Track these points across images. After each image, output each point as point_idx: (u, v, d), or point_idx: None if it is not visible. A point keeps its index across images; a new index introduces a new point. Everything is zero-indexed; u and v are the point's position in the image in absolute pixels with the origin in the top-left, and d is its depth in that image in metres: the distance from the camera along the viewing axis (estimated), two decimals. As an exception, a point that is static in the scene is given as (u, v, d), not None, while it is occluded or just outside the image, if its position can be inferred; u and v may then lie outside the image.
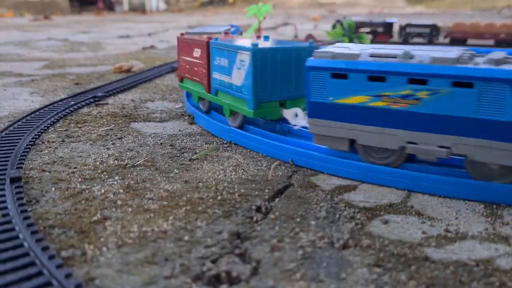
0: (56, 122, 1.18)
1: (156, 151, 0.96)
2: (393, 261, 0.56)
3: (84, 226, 0.65)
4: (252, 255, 0.58)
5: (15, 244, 0.58)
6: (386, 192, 0.77)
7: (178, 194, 0.75)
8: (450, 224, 0.66)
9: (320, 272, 0.54)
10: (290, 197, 0.75)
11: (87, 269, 0.55)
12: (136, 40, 3.58)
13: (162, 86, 1.68)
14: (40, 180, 0.81)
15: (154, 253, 0.58)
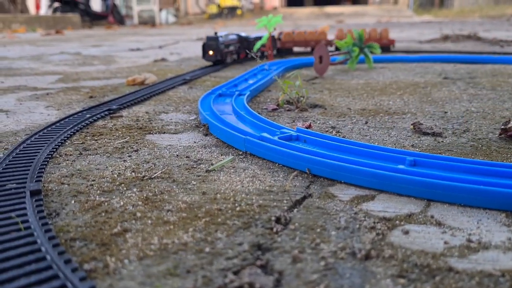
0: (72, 135, 1.19)
1: (173, 163, 0.97)
2: (417, 272, 0.56)
3: (105, 238, 0.65)
4: (274, 267, 0.57)
5: (38, 257, 0.58)
6: (405, 201, 0.77)
7: (197, 205, 0.76)
8: (472, 233, 0.65)
9: (344, 284, 0.53)
10: (308, 207, 0.74)
11: (110, 281, 0.55)
12: (147, 53, 3.61)
13: (175, 98, 1.70)
14: (60, 193, 0.81)
15: (176, 265, 0.58)
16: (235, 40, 2.64)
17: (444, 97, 1.63)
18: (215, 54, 2.42)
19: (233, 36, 2.62)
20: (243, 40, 2.73)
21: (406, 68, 2.45)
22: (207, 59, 2.46)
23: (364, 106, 1.51)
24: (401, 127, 1.23)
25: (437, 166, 0.84)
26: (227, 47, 2.50)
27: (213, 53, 2.42)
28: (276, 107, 1.47)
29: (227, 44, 2.50)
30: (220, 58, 2.44)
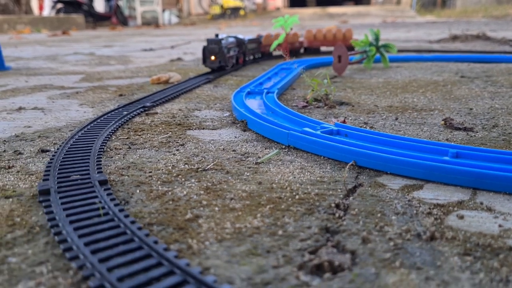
0: (116, 130, 1.23)
1: (221, 156, 1.01)
2: (480, 251, 0.60)
3: (180, 223, 0.69)
4: (346, 247, 0.62)
5: (126, 239, 0.63)
6: (453, 190, 0.81)
7: (256, 194, 0.80)
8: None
9: (416, 261, 0.58)
10: (363, 195, 0.79)
11: (198, 260, 0.59)
12: (161, 53, 3.66)
13: (204, 96, 1.74)
14: (123, 183, 0.86)
15: (255, 246, 0.62)
16: (234, 43, 2.41)
17: (466, 94, 1.67)
18: (218, 59, 2.16)
19: (232, 39, 2.39)
20: (241, 43, 2.51)
21: (421, 67, 2.49)
22: (209, 65, 2.19)
23: (390, 103, 1.55)
24: (431, 123, 1.27)
25: (479, 158, 0.89)
26: (229, 51, 2.29)
27: (216, 58, 2.16)
28: (306, 104, 1.52)
29: (228, 47, 2.30)
30: (223, 64, 2.20)
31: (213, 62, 2.17)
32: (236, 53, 2.41)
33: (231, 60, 2.32)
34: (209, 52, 2.16)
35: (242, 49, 2.52)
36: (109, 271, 0.55)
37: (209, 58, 2.17)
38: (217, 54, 2.16)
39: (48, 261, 0.59)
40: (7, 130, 1.27)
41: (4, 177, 0.90)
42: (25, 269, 0.58)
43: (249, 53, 2.66)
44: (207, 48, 2.15)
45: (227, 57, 2.22)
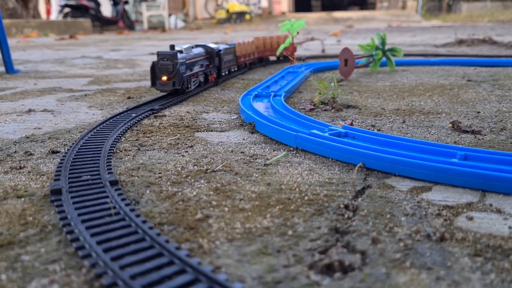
0: (125, 132, 1.24)
1: (230, 158, 1.02)
2: (491, 252, 0.60)
3: (191, 223, 0.70)
4: (356, 247, 0.62)
5: (137, 238, 0.63)
6: (461, 192, 0.81)
7: (266, 195, 0.81)
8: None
9: (426, 261, 0.58)
10: (372, 196, 0.79)
11: (209, 259, 0.60)
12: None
13: (211, 99, 1.75)
14: (133, 184, 0.87)
15: (265, 246, 0.63)
16: (201, 56, 1.89)
17: (473, 98, 1.67)
18: (171, 79, 1.61)
19: (199, 49, 1.90)
20: (213, 54, 1.99)
21: (427, 71, 2.49)
22: (160, 88, 1.64)
23: (397, 106, 1.56)
24: (439, 126, 1.27)
25: (487, 160, 0.89)
26: (191, 67, 1.76)
27: (168, 78, 1.61)
28: (313, 107, 1.52)
29: (191, 62, 1.75)
30: (179, 86, 1.62)
31: (164, 84, 1.62)
32: (203, 69, 1.89)
33: (194, 79, 1.80)
34: (160, 69, 1.62)
35: (215, 63, 2.01)
36: (122, 269, 0.55)
37: (159, 78, 1.63)
38: (171, 73, 1.61)
39: (61, 259, 0.60)
40: (18, 131, 1.29)
41: (16, 177, 0.91)
42: (38, 267, 0.58)
43: (226, 66, 2.17)
44: (157, 65, 1.62)
45: (186, 77, 1.70)
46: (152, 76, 1.64)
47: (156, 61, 1.62)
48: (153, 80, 1.65)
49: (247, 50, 2.54)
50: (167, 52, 1.60)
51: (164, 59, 1.60)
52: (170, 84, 1.62)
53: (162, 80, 1.62)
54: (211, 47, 1.99)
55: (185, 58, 1.69)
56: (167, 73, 1.61)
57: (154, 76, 1.64)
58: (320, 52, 3.77)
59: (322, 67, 2.55)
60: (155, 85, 1.64)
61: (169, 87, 1.63)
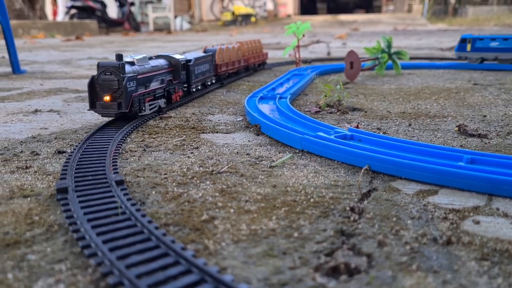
0: (130, 133, 1.24)
1: (235, 159, 1.02)
2: (498, 256, 0.60)
3: (196, 224, 0.70)
4: (362, 250, 0.62)
5: (143, 238, 0.63)
6: (468, 195, 0.81)
7: (271, 197, 0.80)
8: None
9: (433, 265, 0.58)
10: (378, 199, 0.79)
11: (214, 260, 0.60)
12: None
13: (216, 100, 1.75)
14: (139, 184, 0.87)
15: (271, 248, 0.63)
16: (164, 68, 1.51)
17: (479, 102, 1.67)
18: (115, 100, 1.25)
19: (160, 61, 1.52)
20: (179, 66, 1.58)
21: (433, 74, 2.49)
22: (101, 111, 1.27)
23: (403, 109, 1.55)
24: (445, 129, 1.27)
25: (494, 164, 0.88)
26: (145, 83, 1.37)
27: (112, 99, 1.25)
28: (319, 110, 1.52)
29: (145, 77, 1.37)
30: (126, 109, 1.25)
31: (107, 105, 1.25)
32: (165, 85, 1.48)
33: (150, 100, 1.39)
34: (101, 87, 1.25)
35: (181, 77, 1.60)
36: (128, 268, 0.55)
37: (100, 98, 1.26)
38: (115, 91, 1.24)
39: (67, 258, 0.60)
40: (24, 131, 1.29)
41: (22, 177, 0.92)
42: (45, 266, 0.59)
43: (198, 79, 1.78)
44: (97, 80, 1.25)
45: (137, 96, 1.29)
46: (91, 95, 1.26)
47: (96, 75, 1.25)
48: (92, 101, 1.27)
49: (230, 57, 2.18)
50: (111, 63, 1.23)
51: (106, 73, 1.23)
52: (114, 106, 1.24)
53: (104, 101, 1.25)
54: (176, 58, 1.58)
55: (136, 72, 1.31)
56: (110, 92, 1.24)
57: (93, 95, 1.26)
58: (325, 54, 3.77)
59: (327, 69, 2.55)
60: (95, 107, 1.27)
61: (113, 110, 1.25)
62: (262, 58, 2.74)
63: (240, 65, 2.35)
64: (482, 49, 2.62)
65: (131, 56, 1.35)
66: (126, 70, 1.26)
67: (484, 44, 2.61)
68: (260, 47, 2.69)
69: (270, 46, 5.13)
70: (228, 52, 2.15)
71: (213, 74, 1.98)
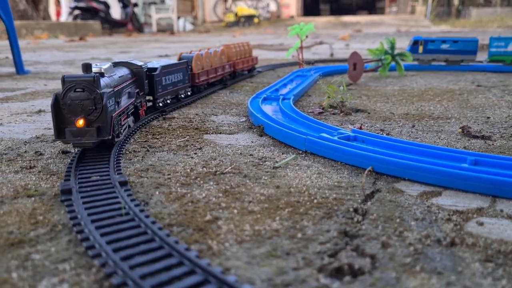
0: (133, 134, 1.25)
1: (238, 160, 1.02)
2: (502, 258, 0.60)
3: (200, 224, 0.70)
4: (365, 251, 0.62)
5: (147, 239, 0.63)
6: (472, 197, 0.81)
7: (275, 198, 0.80)
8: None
9: (437, 266, 0.58)
10: (381, 201, 0.79)
11: (218, 261, 0.60)
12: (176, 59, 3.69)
13: (219, 101, 1.75)
14: (142, 185, 0.87)
15: (274, 248, 0.63)
16: (128, 79, 1.22)
17: (483, 103, 1.66)
18: (92, 124, 0.97)
19: (123, 69, 1.22)
20: (142, 75, 1.30)
21: (436, 75, 2.48)
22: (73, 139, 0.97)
23: (406, 111, 1.55)
24: (448, 131, 1.27)
25: (498, 165, 0.88)
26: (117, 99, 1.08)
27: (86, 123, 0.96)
28: (322, 111, 1.52)
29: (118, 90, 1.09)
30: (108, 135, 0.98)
31: (81, 132, 0.96)
32: (134, 99, 1.23)
33: (124, 120, 1.13)
34: (70, 108, 0.96)
35: (144, 89, 1.33)
36: (132, 269, 0.56)
37: (70, 123, 0.96)
38: (91, 113, 0.96)
39: (71, 258, 0.60)
40: (28, 131, 1.30)
41: (26, 176, 0.92)
42: (49, 266, 0.59)
43: (167, 91, 1.49)
44: (64, 100, 0.95)
45: (116, 117, 1.03)
46: (56, 120, 0.96)
47: (62, 93, 0.94)
48: (59, 127, 0.96)
49: (212, 63, 1.94)
50: (81, 76, 0.94)
51: (76, 89, 0.94)
52: (91, 132, 0.95)
53: (76, 127, 0.95)
54: (137, 65, 1.30)
55: (109, 86, 1.03)
56: (84, 114, 0.95)
57: (59, 120, 0.96)
58: (328, 56, 3.77)
59: (330, 71, 2.55)
60: (63, 135, 0.96)
61: (91, 137, 0.95)
62: (251, 63, 2.50)
63: (224, 72, 2.11)
64: (433, 51, 2.70)
65: (97, 65, 1.06)
66: (100, 84, 0.96)
67: (435, 46, 2.69)
68: (249, 50, 2.47)
69: (273, 47, 5.13)
70: (208, 58, 1.91)
71: (189, 84, 1.71)
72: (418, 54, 2.73)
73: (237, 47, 2.29)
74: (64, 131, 0.97)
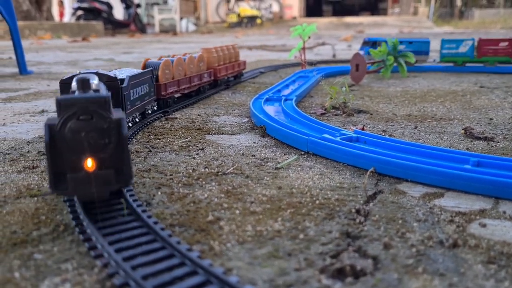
0: (136, 134, 1.25)
1: (240, 161, 1.02)
2: (505, 259, 0.59)
3: (202, 225, 0.70)
4: (367, 252, 0.62)
5: (149, 239, 0.63)
6: (474, 198, 0.80)
7: (277, 198, 0.80)
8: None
9: (439, 267, 0.57)
10: (383, 202, 0.79)
11: (220, 261, 0.60)
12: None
13: (222, 102, 1.75)
14: (144, 185, 0.87)
15: (276, 249, 0.63)
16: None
17: (486, 104, 1.66)
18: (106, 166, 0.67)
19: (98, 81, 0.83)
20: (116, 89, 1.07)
21: (439, 77, 2.48)
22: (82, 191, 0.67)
23: (409, 112, 1.55)
24: (451, 132, 1.26)
25: (501, 167, 0.88)
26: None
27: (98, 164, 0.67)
28: (324, 112, 1.52)
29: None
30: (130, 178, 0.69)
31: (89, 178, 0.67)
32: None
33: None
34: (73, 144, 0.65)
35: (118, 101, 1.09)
36: (134, 269, 0.56)
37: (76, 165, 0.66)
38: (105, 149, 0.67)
39: (73, 258, 0.60)
40: (31, 131, 1.30)
41: (29, 176, 0.92)
42: (51, 266, 0.59)
43: (134, 108, 1.22)
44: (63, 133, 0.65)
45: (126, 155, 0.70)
46: (53, 163, 0.67)
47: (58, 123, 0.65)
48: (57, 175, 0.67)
49: (185, 71, 1.64)
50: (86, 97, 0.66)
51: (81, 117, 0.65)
52: (108, 177, 0.68)
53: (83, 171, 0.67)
54: (109, 76, 1.05)
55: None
56: (95, 151, 0.67)
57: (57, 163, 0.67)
58: (331, 57, 3.77)
59: (333, 72, 2.55)
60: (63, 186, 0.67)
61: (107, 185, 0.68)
62: (237, 68, 2.19)
63: (201, 82, 1.78)
64: None
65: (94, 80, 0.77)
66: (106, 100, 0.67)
67: None
68: (236, 54, 2.16)
69: (275, 48, 5.13)
70: (181, 66, 1.61)
71: (154, 98, 1.41)
72: None
73: (220, 51, 1.99)
74: (64, 179, 0.66)
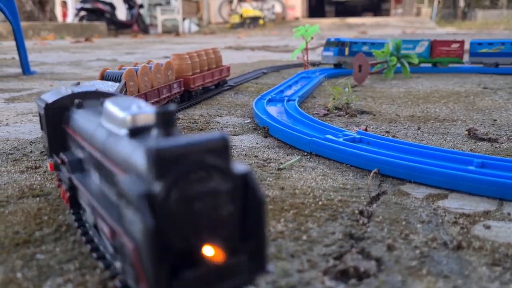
0: (139, 134, 1.25)
1: (243, 161, 1.02)
2: (510, 262, 0.59)
3: (205, 225, 0.70)
4: (371, 253, 0.61)
5: (151, 240, 0.63)
6: (478, 200, 0.80)
7: (279, 199, 0.80)
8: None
9: (443, 269, 0.57)
10: (387, 203, 0.78)
11: (222, 262, 0.59)
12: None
13: (224, 102, 1.75)
14: (147, 186, 0.87)
15: (279, 250, 0.62)
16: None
17: (489, 106, 1.65)
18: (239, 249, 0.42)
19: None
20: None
21: (442, 77, 2.47)
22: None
23: (412, 113, 1.54)
24: (455, 133, 1.26)
25: (505, 168, 0.87)
26: None
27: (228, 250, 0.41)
28: (327, 112, 1.52)
29: None
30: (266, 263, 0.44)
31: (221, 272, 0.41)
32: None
33: None
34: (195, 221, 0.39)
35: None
36: (136, 270, 0.55)
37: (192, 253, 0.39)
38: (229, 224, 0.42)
39: (76, 258, 0.60)
40: (33, 132, 1.30)
41: (32, 176, 0.92)
42: (54, 266, 0.59)
43: None
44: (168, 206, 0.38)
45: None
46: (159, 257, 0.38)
47: (162, 189, 0.38)
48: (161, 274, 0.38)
49: (152, 82, 1.40)
50: (206, 139, 0.40)
51: (197, 179, 0.39)
52: (239, 266, 0.42)
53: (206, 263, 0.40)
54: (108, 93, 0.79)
55: None
56: (218, 230, 0.41)
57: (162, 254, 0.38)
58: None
59: (336, 72, 2.55)
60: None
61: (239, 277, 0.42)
62: (218, 76, 1.91)
63: (171, 94, 1.51)
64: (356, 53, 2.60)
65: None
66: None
67: (358, 48, 2.70)
68: (217, 59, 1.89)
69: (278, 48, 5.13)
70: (147, 76, 1.37)
71: None
72: (344, 57, 2.68)
73: (195, 57, 1.70)
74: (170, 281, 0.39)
